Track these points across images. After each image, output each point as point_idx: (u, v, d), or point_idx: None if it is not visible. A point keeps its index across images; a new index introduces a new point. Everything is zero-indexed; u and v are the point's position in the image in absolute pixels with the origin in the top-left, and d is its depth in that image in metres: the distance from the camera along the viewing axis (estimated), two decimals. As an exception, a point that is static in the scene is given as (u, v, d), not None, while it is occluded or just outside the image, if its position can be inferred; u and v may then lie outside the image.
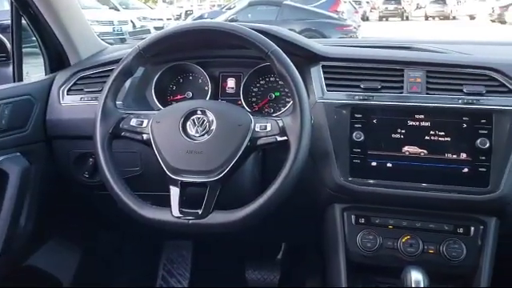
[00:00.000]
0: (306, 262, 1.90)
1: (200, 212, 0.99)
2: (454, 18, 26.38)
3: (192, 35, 1.09)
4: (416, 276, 1.03)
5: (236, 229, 1.00)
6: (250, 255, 1.99)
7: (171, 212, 1.00)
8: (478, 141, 1.09)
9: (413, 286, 1.02)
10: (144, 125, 1.07)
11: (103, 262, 1.82)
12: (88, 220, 1.69)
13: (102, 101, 1.09)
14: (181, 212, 1.00)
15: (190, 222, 0.99)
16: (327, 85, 1.21)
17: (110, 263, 1.85)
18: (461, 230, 1.14)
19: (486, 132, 1.09)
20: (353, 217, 1.20)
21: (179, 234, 1.66)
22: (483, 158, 1.09)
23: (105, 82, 1.12)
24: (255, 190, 1.18)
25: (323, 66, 1.24)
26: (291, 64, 1.03)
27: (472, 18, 25.43)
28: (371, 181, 1.15)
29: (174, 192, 1.01)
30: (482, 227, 1.13)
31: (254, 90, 1.37)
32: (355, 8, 14.26)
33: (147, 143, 1.07)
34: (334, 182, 1.16)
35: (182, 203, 1.01)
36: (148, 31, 9.96)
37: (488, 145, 1.09)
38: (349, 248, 1.19)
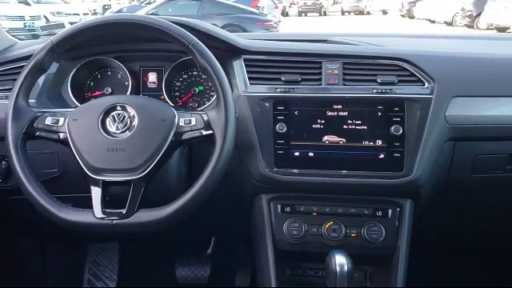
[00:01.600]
0: (236, 254, 1.91)
1: (124, 211, 0.96)
2: (368, 13, 27.77)
3: (109, 28, 1.05)
4: (340, 259, 1.07)
5: (163, 226, 0.98)
6: (179, 252, 1.97)
7: (93, 213, 0.97)
8: (392, 128, 1.15)
9: (337, 269, 1.06)
10: (60, 123, 1.03)
11: (25, 269, 1.72)
12: (5, 226, 1.58)
13: (13, 99, 1.02)
14: (104, 212, 0.96)
15: (114, 222, 0.96)
16: (250, 78, 1.22)
17: (32, 270, 1.75)
18: (379, 213, 1.20)
19: (399, 119, 1.16)
20: (279, 206, 1.23)
21: (104, 235, 1.60)
22: (397, 144, 1.16)
23: (15, 79, 1.05)
24: (182, 186, 1.18)
25: (245, 60, 1.25)
26: (213, 57, 1.03)
27: (384, 12, 26.90)
28: (295, 170, 1.18)
29: (96, 192, 0.98)
30: (398, 209, 1.20)
31: (177, 84, 1.35)
32: (275, 3, 14.52)
33: (64, 142, 1.02)
34: (259, 173, 1.18)
35: (105, 203, 0.98)
36: (62, 26, 9.47)
37: (401, 131, 1.15)
38: (276, 237, 1.21)
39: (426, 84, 1.19)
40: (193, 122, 1.02)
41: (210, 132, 1.00)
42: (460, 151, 1.21)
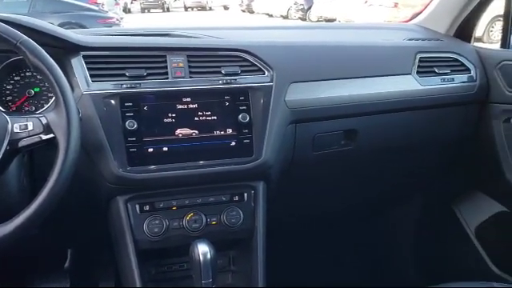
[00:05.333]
0: (98, 262, 1.82)
1: None
2: (210, 8, 28.38)
3: None
4: (203, 248, 1.09)
5: (6, 244, 0.89)
6: (32, 270, 1.80)
7: None
8: (240, 116, 1.20)
9: (201, 258, 1.08)
10: None
11: None
12: None
13: None
14: None
15: None
16: (92, 75, 1.16)
17: None
18: (236, 198, 1.25)
19: (245, 108, 1.21)
20: (137, 206, 1.19)
21: None
22: (246, 131, 1.21)
23: None
24: (25, 198, 1.07)
25: (85, 56, 1.18)
26: (47, 55, 0.95)
27: (226, 8, 27.81)
28: (150, 167, 1.16)
29: None
30: (252, 192, 1.26)
31: (8, 87, 1.22)
32: (116, 0, 13.99)
33: None
34: (112, 175, 1.13)
35: None
36: None
37: (248, 119, 1.21)
38: (137, 237, 1.18)
39: (266, 72, 1.26)
40: (30, 127, 0.93)
41: (51, 136, 0.93)
42: (301, 132, 1.32)
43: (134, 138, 1.14)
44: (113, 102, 1.13)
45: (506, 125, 1.51)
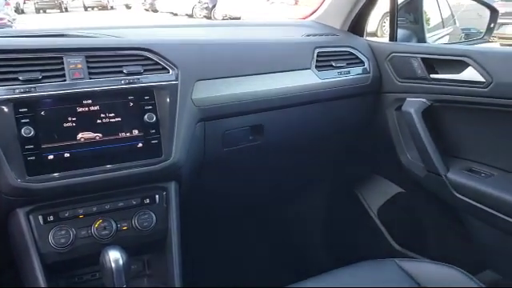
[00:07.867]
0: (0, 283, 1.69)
1: None
2: (111, 7, 27.39)
3: None
4: (114, 255, 1.06)
5: None
6: None
7: None
8: (146, 116, 1.18)
9: (112, 265, 1.05)
10: None
11: None
12: None
13: None
14: None
15: None
16: None
17: None
18: (147, 201, 1.22)
19: (151, 107, 1.19)
20: (40, 217, 1.13)
21: None
22: (153, 131, 1.19)
23: None
24: None
25: None
26: None
27: (128, 7, 26.99)
28: (52, 175, 1.10)
29: None
30: (164, 193, 1.24)
31: None
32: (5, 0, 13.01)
33: None
34: (9, 186, 1.06)
35: None
36: None
37: (155, 119, 1.19)
38: (42, 251, 1.12)
39: (171, 71, 1.25)
40: None
41: None
42: (210, 129, 1.33)
43: (31, 146, 1.08)
44: (5, 108, 1.06)
45: (397, 112, 1.64)
